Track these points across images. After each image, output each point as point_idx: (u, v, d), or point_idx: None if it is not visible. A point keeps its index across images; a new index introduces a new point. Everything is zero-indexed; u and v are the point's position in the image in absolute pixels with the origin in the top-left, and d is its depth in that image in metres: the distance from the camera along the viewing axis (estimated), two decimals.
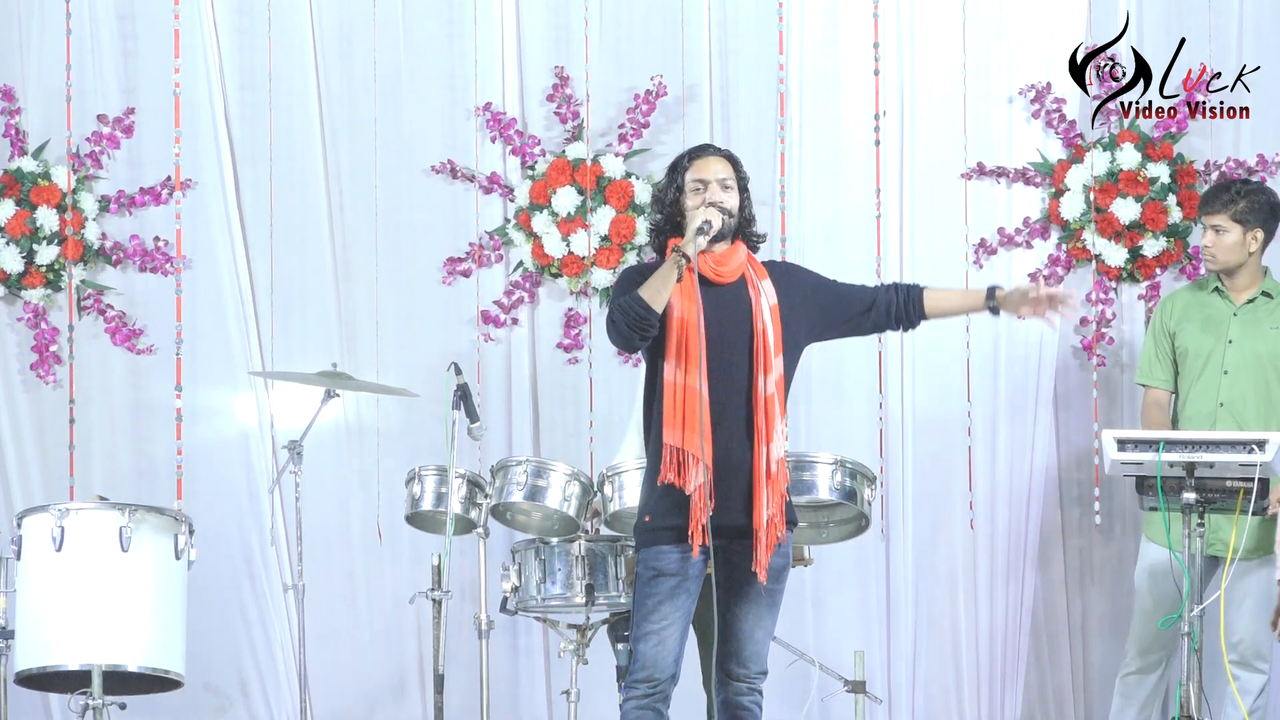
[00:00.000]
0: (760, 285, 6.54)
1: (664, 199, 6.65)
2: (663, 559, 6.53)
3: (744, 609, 6.59)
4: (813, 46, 8.77)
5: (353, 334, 8.83)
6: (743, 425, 6.50)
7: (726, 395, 6.47)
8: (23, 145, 8.80)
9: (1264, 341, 7.88)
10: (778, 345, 6.52)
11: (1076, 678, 8.69)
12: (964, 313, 6.95)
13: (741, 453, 6.48)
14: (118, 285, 8.83)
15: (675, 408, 6.50)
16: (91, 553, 7.50)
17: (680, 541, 6.49)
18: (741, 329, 6.49)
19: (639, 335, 6.45)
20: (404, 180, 8.84)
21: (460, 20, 8.82)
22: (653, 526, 6.55)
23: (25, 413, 8.82)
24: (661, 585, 6.53)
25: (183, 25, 8.80)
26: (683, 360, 6.50)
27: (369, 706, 8.80)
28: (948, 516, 8.71)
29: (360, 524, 8.80)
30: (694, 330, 6.46)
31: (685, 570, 6.51)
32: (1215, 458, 7.02)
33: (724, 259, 6.51)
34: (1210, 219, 7.85)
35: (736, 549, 6.52)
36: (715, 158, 6.66)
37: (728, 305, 6.50)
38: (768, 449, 6.48)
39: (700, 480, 6.44)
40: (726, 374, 6.48)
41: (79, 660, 7.46)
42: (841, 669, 7.88)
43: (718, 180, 6.57)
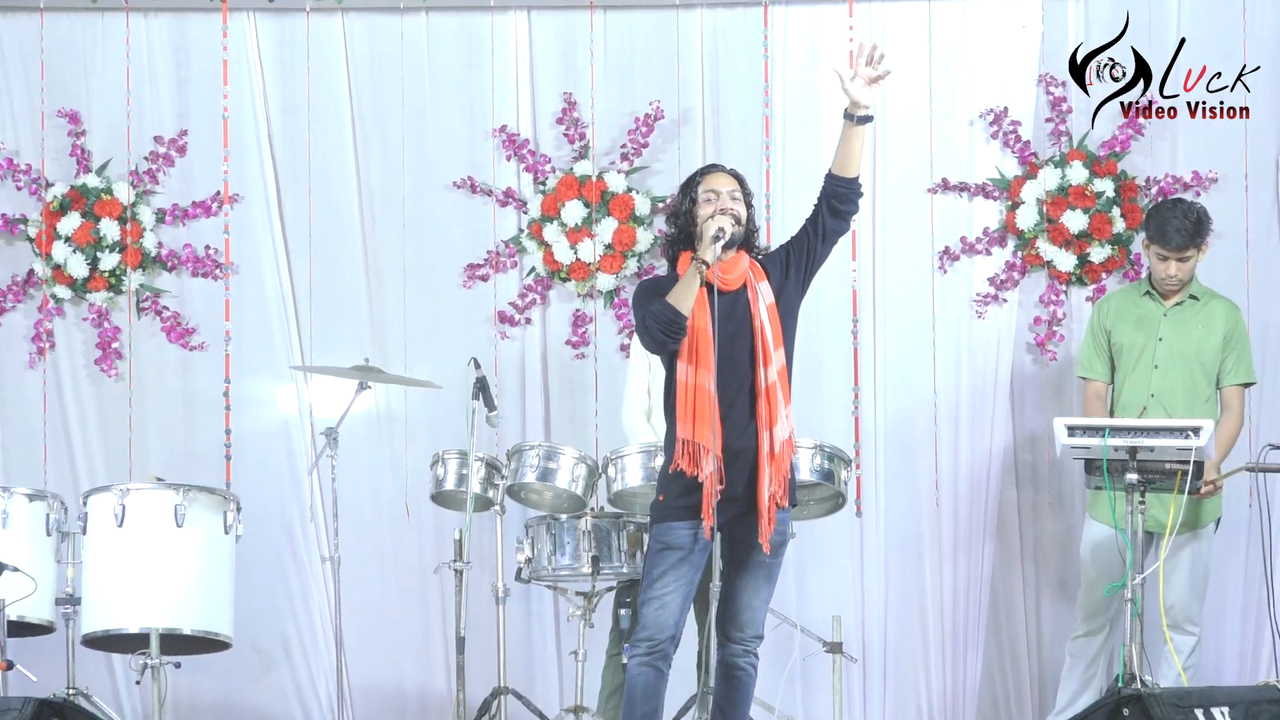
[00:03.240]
0: (759, 288, 6.55)
1: (678, 213, 6.65)
2: (671, 534, 6.54)
3: (744, 580, 6.59)
4: (794, 75, 8.76)
5: (383, 332, 8.82)
6: (748, 413, 6.51)
7: (733, 388, 6.48)
8: (87, 164, 8.80)
9: (1191, 339, 7.88)
10: (776, 339, 6.53)
11: (1030, 639, 8.69)
12: (854, 143, 6.55)
13: (747, 437, 6.49)
14: (172, 289, 8.82)
15: (687, 404, 6.51)
16: (149, 528, 7.51)
17: (689, 519, 6.50)
18: (744, 329, 6.50)
19: (672, 339, 6.46)
20: (428, 195, 8.84)
21: (478, 51, 8.82)
22: (666, 505, 6.56)
23: (90, 403, 8.81)
24: (668, 558, 6.54)
25: (230, 56, 8.79)
26: (694, 361, 6.52)
27: (398, 665, 8.79)
28: (915, 495, 8.71)
29: (390, 502, 8.80)
30: (705, 335, 6.47)
31: (691, 546, 6.53)
32: (1155, 443, 7.04)
33: (729, 268, 6.51)
34: (1177, 254, 7.80)
35: (740, 524, 6.53)
36: (724, 174, 6.67)
37: (733, 309, 6.51)
38: (770, 433, 6.49)
39: (710, 469, 6.46)
40: (733, 370, 6.49)
41: (138, 624, 7.47)
42: (821, 632, 7.88)
43: (727, 192, 6.59)
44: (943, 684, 8.68)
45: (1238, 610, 8.53)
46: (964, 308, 8.73)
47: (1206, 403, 7.86)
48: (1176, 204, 7.93)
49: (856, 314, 8.73)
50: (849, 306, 8.71)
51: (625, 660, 6.71)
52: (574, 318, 8.78)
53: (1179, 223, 7.80)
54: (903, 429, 8.73)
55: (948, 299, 8.73)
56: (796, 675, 8.36)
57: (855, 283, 8.68)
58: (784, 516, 6.57)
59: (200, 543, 7.56)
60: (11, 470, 8.44)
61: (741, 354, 6.49)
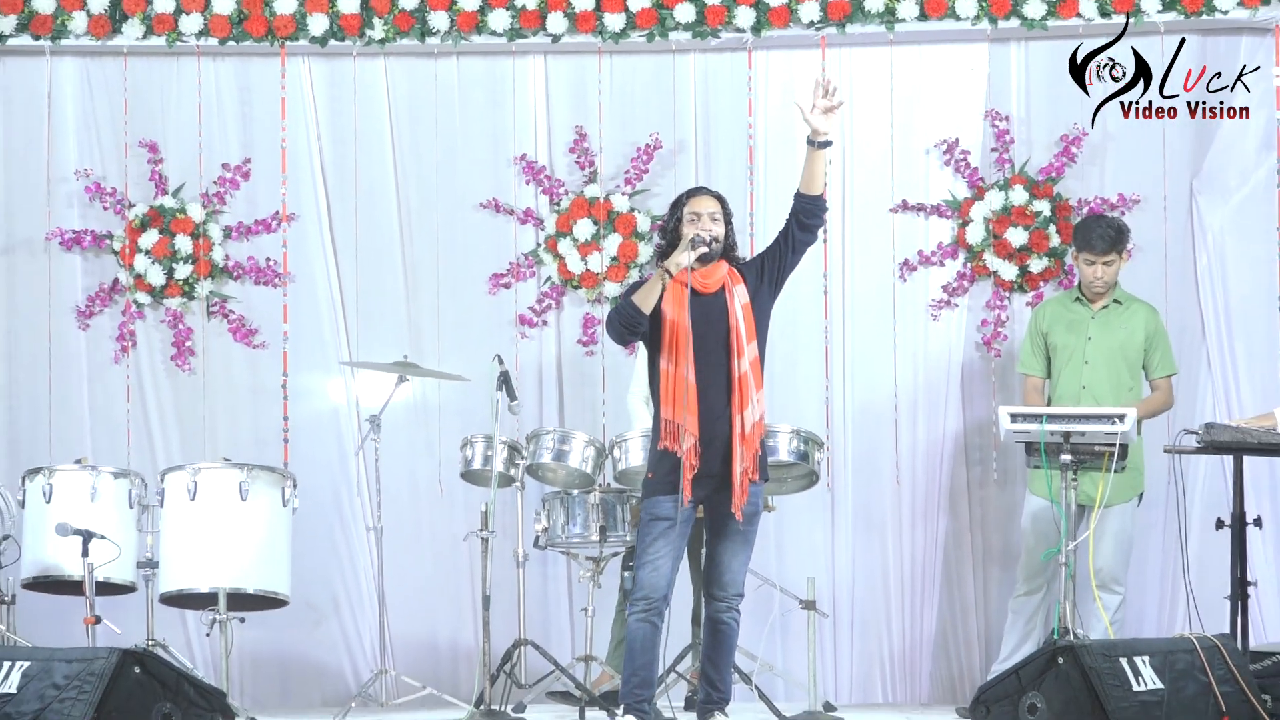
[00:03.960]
0: (735, 290, 6.58)
1: (667, 227, 6.68)
2: (659, 506, 6.57)
3: (723, 544, 6.61)
4: (774, 110, 8.75)
5: (419, 333, 8.81)
6: (723, 399, 6.53)
7: (710, 377, 6.50)
8: (165, 187, 8.79)
9: (1116, 338, 7.89)
10: (750, 334, 6.55)
11: (978, 598, 8.66)
12: (816, 165, 6.57)
13: (722, 421, 6.51)
14: (237, 295, 8.82)
15: (669, 391, 6.53)
16: (218, 501, 7.53)
17: (674, 493, 6.52)
18: (721, 325, 6.53)
19: (629, 331, 6.51)
20: (459, 214, 8.82)
21: (502, 90, 8.81)
22: (654, 481, 6.59)
23: (167, 394, 8.80)
24: (657, 527, 6.56)
25: (288, 94, 8.78)
26: (673, 354, 6.54)
27: (432, 620, 8.77)
28: (878, 474, 8.70)
29: (425, 479, 8.78)
30: (683, 331, 6.50)
31: (676, 516, 6.54)
32: (1086, 428, 7.05)
33: (709, 274, 6.56)
34: (1102, 258, 7.84)
35: (718, 497, 6.54)
36: (707, 196, 6.70)
37: (711, 309, 6.54)
38: (742, 416, 6.50)
39: (688, 445, 6.49)
40: (710, 361, 6.51)
41: (208, 584, 7.50)
42: (797, 591, 7.87)
43: (708, 214, 6.61)
44: (902, 637, 8.67)
45: (1157, 573, 8.53)
46: (921, 311, 8.73)
47: (1130, 393, 7.87)
48: (1100, 217, 8.02)
49: (828, 317, 8.73)
50: (821, 310, 8.71)
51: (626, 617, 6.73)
52: (584, 320, 8.78)
53: (1102, 231, 7.85)
54: (867, 416, 8.72)
55: (907, 304, 8.73)
56: (776, 628, 8.37)
57: (826, 289, 8.68)
58: (756, 489, 6.60)
59: (262, 514, 7.58)
60: (99, 452, 8.44)
61: (719, 347, 6.52)
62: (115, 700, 5.57)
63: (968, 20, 8.55)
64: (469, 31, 8.67)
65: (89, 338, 8.82)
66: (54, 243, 8.76)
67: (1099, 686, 5.60)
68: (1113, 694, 5.61)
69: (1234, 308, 8.56)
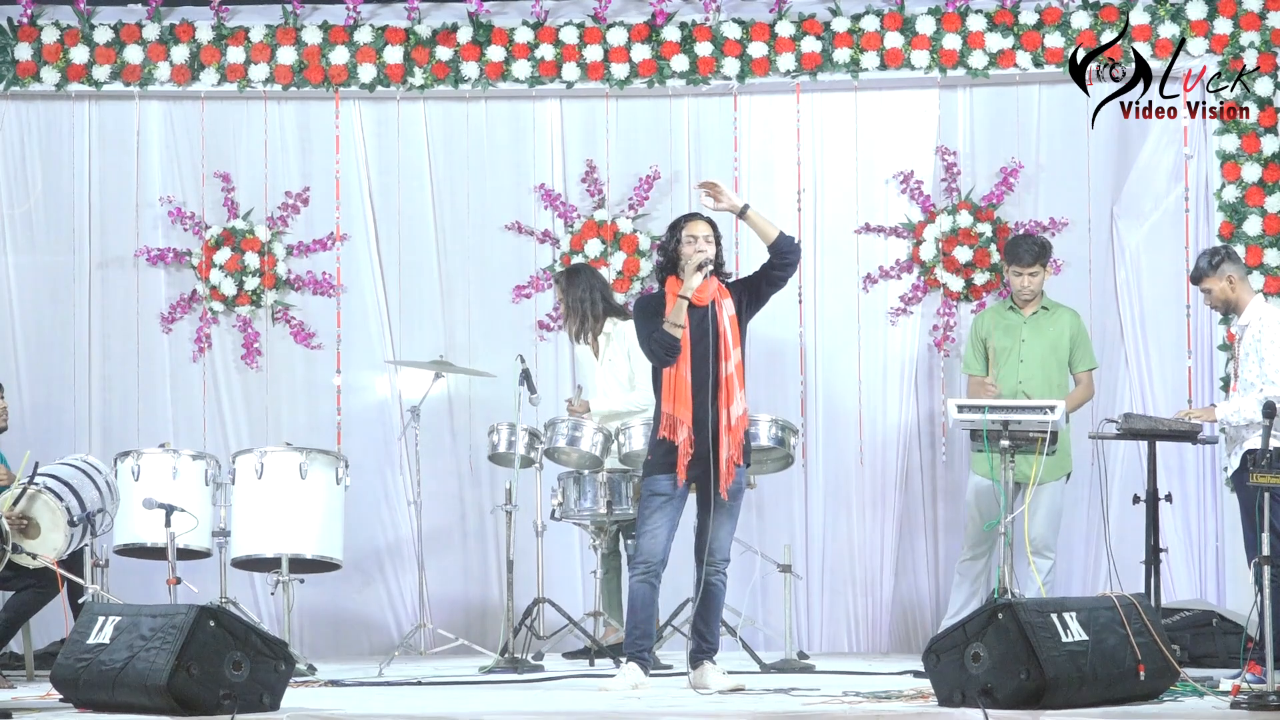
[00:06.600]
0: (723, 304, 6.57)
1: (666, 247, 6.67)
2: (657, 484, 6.57)
3: (712, 518, 6.61)
4: (757, 145, 8.75)
5: (453, 336, 8.80)
6: (712, 395, 6.53)
7: (702, 377, 6.50)
8: (236, 211, 8.79)
9: (1046, 340, 7.89)
10: (735, 342, 6.55)
11: (930, 563, 8.66)
12: (757, 226, 6.54)
13: (711, 414, 6.51)
14: (298, 304, 8.82)
15: (669, 388, 6.54)
16: (281, 479, 7.53)
17: (670, 472, 6.53)
18: (711, 334, 6.52)
19: (668, 354, 6.50)
20: (486, 234, 8.82)
21: (523, 129, 8.81)
22: (653, 462, 6.59)
23: (238, 389, 8.79)
24: (655, 501, 6.57)
25: (341, 132, 8.79)
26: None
27: (464, 582, 8.76)
28: (844, 456, 8.68)
29: (458, 461, 8.77)
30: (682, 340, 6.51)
31: (672, 492, 6.55)
32: (1022, 417, 7.03)
33: (702, 289, 6.54)
34: (1028, 269, 7.85)
35: (708, 477, 6.54)
36: (701, 221, 6.69)
37: (702, 320, 6.53)
38: (728, 410, 6.51)
39: (683, 435, 6.50)
40: (702, 364, 6.51)
41: (273, 550, 7.51)
42: (775, 556, 7.87)
43: (703, 236, 6.61)
44: (866, 595, 8.66)
45: (1082, 541, 8.53)
46: (881, 318, 8.72)
47: (1059, 387, 7.87)
48: (1026, 235, 8.08)
49: (802, 323, 8.73)
50: (797, 317, 8.71)
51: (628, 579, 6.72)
52: None
53: (1028, 246, 7.88)
54: (836, 407, 8.71)
55: (869, 311, 8.72)
56: (758, 589, 8.35)
57: (801, 299, 8.68)
58: (740, 471, 6.60)
59: (319, 490, 7.57)
60: (180, 437, 8.44)
61: (708, 351, 6.51)
62: (193, 649, 5.57)
63: (921, 69, 8.55)
64: (496, 79, 8.67)
65: (171, 340, 8.81)
66: (141, 259, 8.76)
67: (1033, 638, 5.60)
68: (1045, 644, 5.61)
69: (1148, 314, 8.55)
